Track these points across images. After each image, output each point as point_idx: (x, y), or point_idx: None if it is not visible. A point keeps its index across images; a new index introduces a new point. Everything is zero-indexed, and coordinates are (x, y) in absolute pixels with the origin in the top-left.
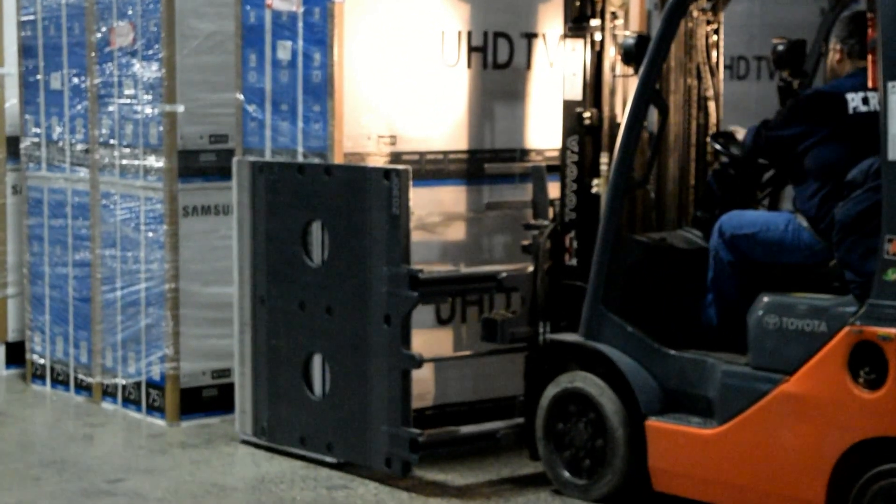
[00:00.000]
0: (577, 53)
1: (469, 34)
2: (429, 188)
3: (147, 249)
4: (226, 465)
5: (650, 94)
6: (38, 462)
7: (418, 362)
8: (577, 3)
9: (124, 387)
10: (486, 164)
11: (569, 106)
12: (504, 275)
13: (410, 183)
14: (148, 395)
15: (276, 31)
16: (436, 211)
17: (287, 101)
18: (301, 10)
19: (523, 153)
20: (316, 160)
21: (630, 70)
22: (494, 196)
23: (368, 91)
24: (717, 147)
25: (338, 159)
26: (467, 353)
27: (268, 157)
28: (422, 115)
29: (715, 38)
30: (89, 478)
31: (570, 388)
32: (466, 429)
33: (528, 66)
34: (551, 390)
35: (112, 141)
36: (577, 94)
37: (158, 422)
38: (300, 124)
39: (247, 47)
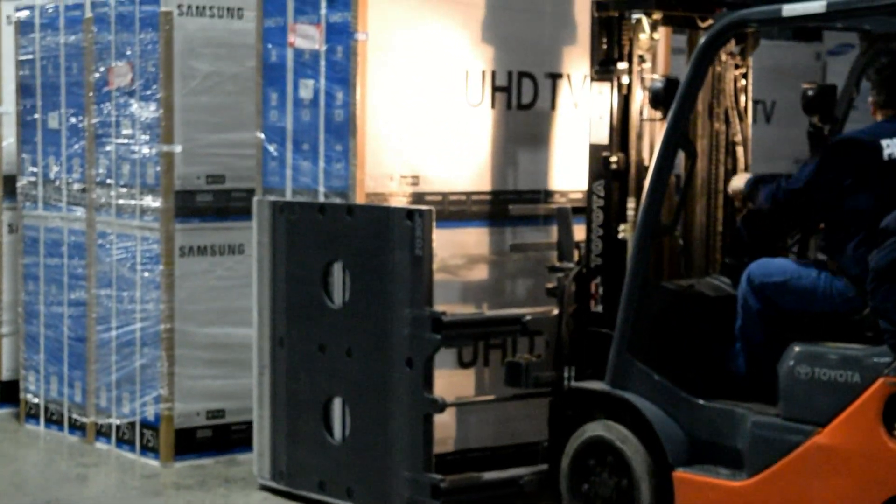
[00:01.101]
0: (603, 96)
1: (493, 74)
2: (452, 230)
3: (143, 289)
4: None
5: (679, 139)
6: (31, 502)
7: (441, 406)
8: (605, 46)
9: (118, 427)
10: (510, 205)
11: (595, 150)
12: (528, 318)
13: (434, 224)
14: (142, 435)
15: (298, 70)
16: (458, 253)
17: (308, 141)
18: (324, 48)
19: (547, 195)
20: (337, 200)
21: (658, 114)
22: (518, 238)
23: (391, 131)
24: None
25: (359, 199)
26: (490, 397)
27: (288, 197)
28: (445, 156)
29: (743, 82)
30: None
31: (595, 436)
32: (489, 475)
33: (553, 106)
34: (576, 439)
35: (109, 180)
36: (603, 137)
37: (152, 462)
38: (322, 164)
39: (268, 86)
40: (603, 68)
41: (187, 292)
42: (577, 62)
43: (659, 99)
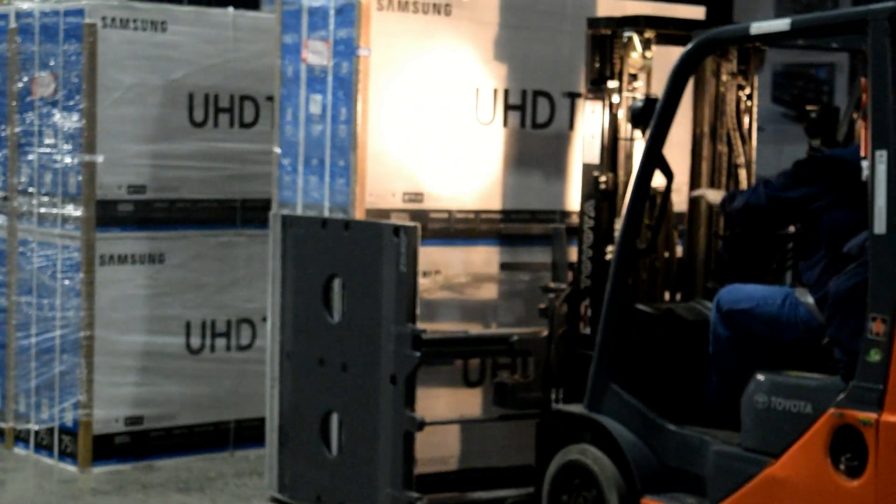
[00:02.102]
0: (595, 116)
1: (506, 92)
2: (459, 247)
3: (63, 297)
4: None
5: (656, 159)
6: None
7: (419, 424)
8: (597, 64)
9: (37, 432)
10: (501, 224)
11: (587, 169)
12: (515, 338)
13: (419, 241)
14: (60, 441)
15: (310, 85)
16: (465, 271)
17: (317, 156)
18: (331, 63)
19: (563, 215)
20: (339, 215)
21: (639, 133)
22: (527, 257)
23: (394, 147)
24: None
25: (359, 215)
26: (475, 417)
27: (299, 212)
28: (452, 173)
29: (748, 103)
30: None
31: (572, 459)
32: (475, 495)
33: (571, 126)
34: (557, 461)
35: (31, 189)
36: (594, 157)
37: (70, 468)
38: (327, 179)
39: (285, 101)
40: (595, 87)
41: (107, 300)
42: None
43: (638, 118)
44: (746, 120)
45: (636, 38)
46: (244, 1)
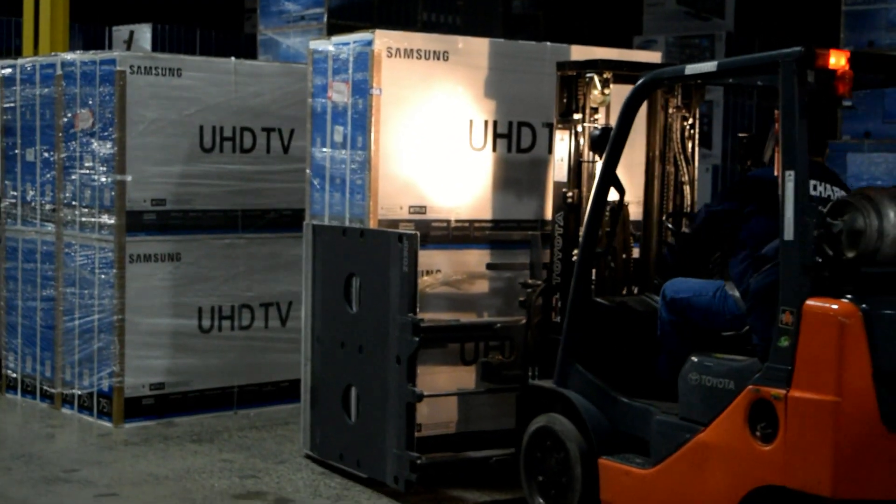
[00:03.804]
0: (564, 142)
1: (495, 123)
2: (456, 251)
3: (100, 288)
4: (160, 459)
5: (610, 178)
6: (10, 456)
7: (419, 397)
8: (565, 100)
9: (80, 396)
10: (488, 231)
11: (557, 186)
12: (498, 325)
13: (417, 246)
14: (98, 402)
15: (334, 119)
16: (461, 270)
17: (339, 176)
18: (350, 101)
19: (543, 223)
20: (356, 225)
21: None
22: (511, 258)
23: (402, 168)
24: (669, 226)
25: (372, 224)
26: (466, 390)
27: (326, 222)
28: (450, 189)
29: (691, 131)
30: (50, 468)
31: (543, 426)
32: (463, 454)
33: (550, 150)
34: (532, 427)
35: (74, 202)
36: (563, 176)
37: (106, 424)
38: (347, 195)
39: (315, 131)
40: (563, 118)
41: (135, 291)
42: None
43: (596, 144)
44: (690, 145)
45: (596, 78)
46: (244, 52)
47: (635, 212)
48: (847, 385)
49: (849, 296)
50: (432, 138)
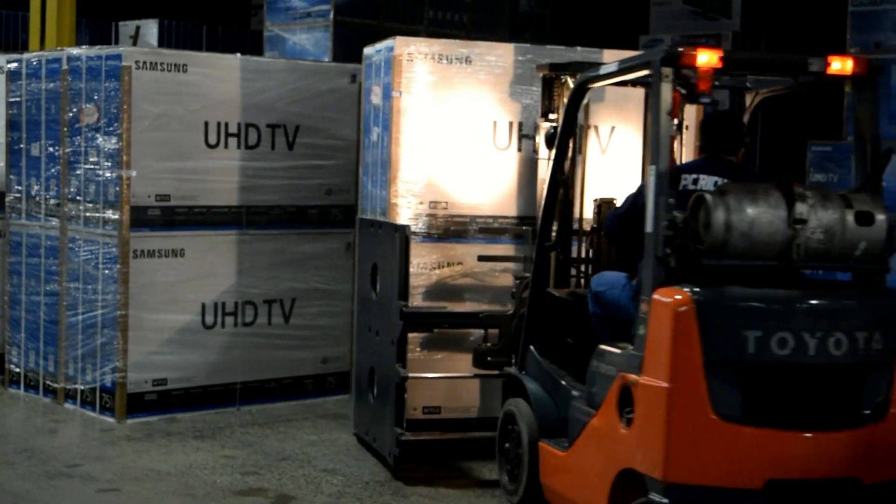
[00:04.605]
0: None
1: (520, 124)
2: (479, 245)
3: (104, 283)
4: (162, 455)
5: (557, 174)
6: (13, 450)
7: (403, 377)
8: (547, 101)
9: (82, 391)
10: (524, 227)
11: (542, 183)
12: (483, 314)
13: (408, 237)
14: (101, 398)
15: (375, 120)
16: (485, 263)
17: (376, 173)
18: (381, 103)
19: None
20: (381, 219)
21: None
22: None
23: (424, 166)
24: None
25: (392, 219)
26: (455, 374)
27: (368, 215)
28: (474, 186)
29: (675, 129)
30: (52, 463)
31: (508, 409)
32: (450, 435)
33: (581, 151)
34: (503, 410)
35: (78, 197)
36: (546, 174)
37: (109, 419)
38: (379, 190)
39: (364, 133)
40: (544, 118)
41: (139, 286)
42: (605, 116)
43: (549, 142)
44: (674, 143)
45: (569, 80)
46: (250, 48)
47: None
48: (679, 372)
49: (689, 286)
50: (456, 138)
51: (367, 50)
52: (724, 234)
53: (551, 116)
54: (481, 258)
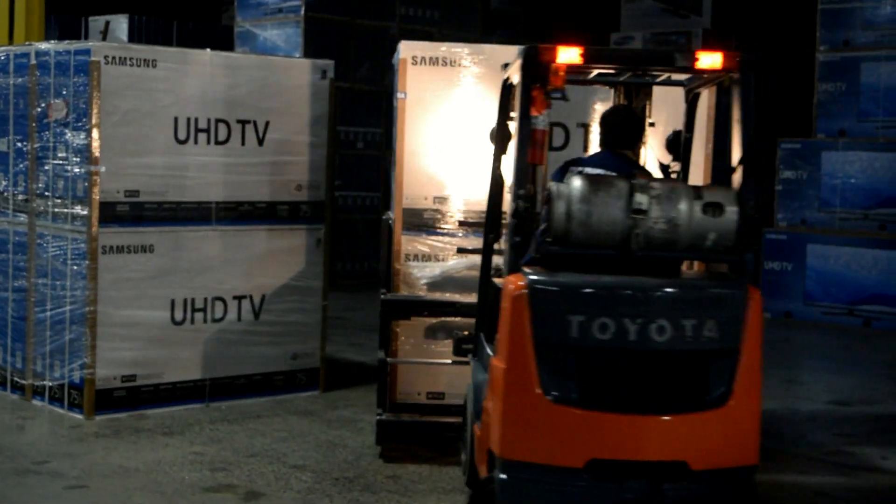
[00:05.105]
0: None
1: None
2: (481, 238)
3: (72, 279)
4: (131, 451)
5: (497, 170)
6: None
7: (381, 361)
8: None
9: (51, 388)
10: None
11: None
12: (458, 303)
13: (392, 228)
14: (69, 394)
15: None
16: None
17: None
18: (395, 103)
19: None
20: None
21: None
22: None
23: (426, 164)
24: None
25: (397, 214)
26: (434, 361)
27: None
28: (473, 183)
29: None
30: (20, 460)
31: (466, 394)
32: (425, 418)
33: (585, 148)
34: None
35: (47, 193)
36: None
37: (77, 416)
38: (393, 187)
39: (392, 131)
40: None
41: (107, 282)
42: (574, 114)
43: (491, 137)
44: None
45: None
46: (221, 44)
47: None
48: (514, 354)
49: (532, 272)
50: (458, 138)
51: (395, 55)
52: (564, 223)
53: (513, 115)
54: (460, 250)
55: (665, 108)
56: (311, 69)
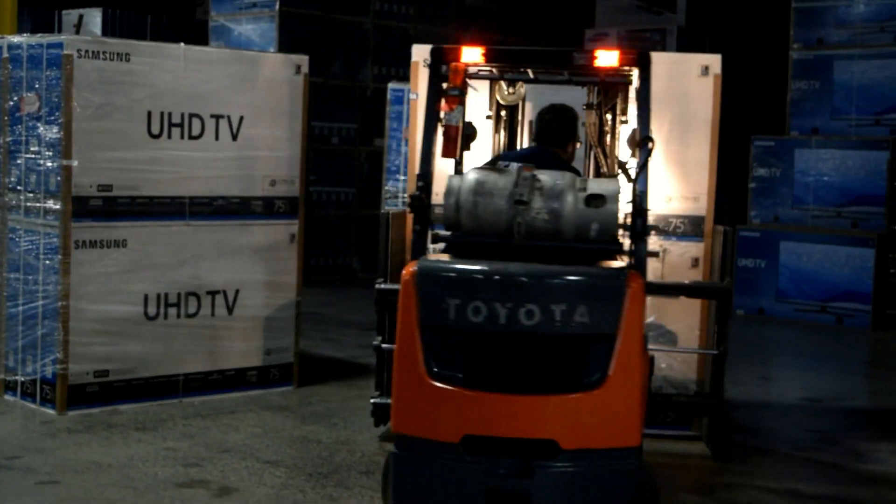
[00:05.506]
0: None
1: (531, 123)
2: None
3: (44, 274)
4: (103, 447)
5: (423, 163)
6: None
7: (376, 347)
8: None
9: (23, 383)
10: None
11: None
12: None
13: (390, 223)
14: (42, 389)
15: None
16: None
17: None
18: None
19: None
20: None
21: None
22: None
23: (442, 162)
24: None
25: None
26: None
27: None
28: None
29: (611, 125)
30: None
31: None
32: None
33: (586, 141)
34: None
35: (19, 187)
36: None
37: (50, 411)
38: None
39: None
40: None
41: (80, 277)
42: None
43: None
44: (608, 138)
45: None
46: (196, 38)
47: None
48: (403, 335)
49: (428, 258)
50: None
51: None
52: (454, 212)
53: (489, 112)
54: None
55: None
56: (285, 64)
